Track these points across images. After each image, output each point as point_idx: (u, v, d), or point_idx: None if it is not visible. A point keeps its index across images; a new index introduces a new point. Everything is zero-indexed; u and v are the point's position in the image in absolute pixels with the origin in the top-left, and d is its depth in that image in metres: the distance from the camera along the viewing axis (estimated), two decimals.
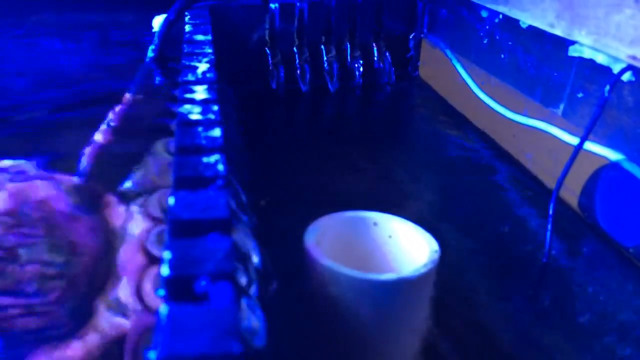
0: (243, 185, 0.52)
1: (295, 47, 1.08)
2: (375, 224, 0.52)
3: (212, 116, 0.49)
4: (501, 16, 0.88)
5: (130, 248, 0.40)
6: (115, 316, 0.34)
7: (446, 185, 0.82)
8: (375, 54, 1.14)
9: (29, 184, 0.47)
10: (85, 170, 0.50)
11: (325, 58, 1.10)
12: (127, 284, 0.36)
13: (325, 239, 0.49)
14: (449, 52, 1.05)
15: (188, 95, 0.53)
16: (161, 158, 0.51)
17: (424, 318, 0.49)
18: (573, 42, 0.70)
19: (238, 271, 0.34)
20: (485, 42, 0.93)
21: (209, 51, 0.68)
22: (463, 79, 0.99)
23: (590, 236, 0.67)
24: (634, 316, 0.55)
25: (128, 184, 0.48)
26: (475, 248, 0.66)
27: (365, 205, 0.53)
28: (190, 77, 0.58)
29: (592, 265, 0.63)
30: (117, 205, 0.45)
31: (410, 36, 1.17)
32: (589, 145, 0.66)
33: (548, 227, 0.63)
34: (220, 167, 0.39)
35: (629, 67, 0.61)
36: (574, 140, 0.70)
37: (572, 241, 0.66)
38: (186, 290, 0.28)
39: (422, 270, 0.45)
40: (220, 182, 0.38)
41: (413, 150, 0.94)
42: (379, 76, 1.15)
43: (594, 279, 0.61)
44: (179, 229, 0.33)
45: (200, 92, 0.54)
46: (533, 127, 0.80)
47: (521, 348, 0.53)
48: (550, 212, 0.64)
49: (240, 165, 0.57)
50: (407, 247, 0.50)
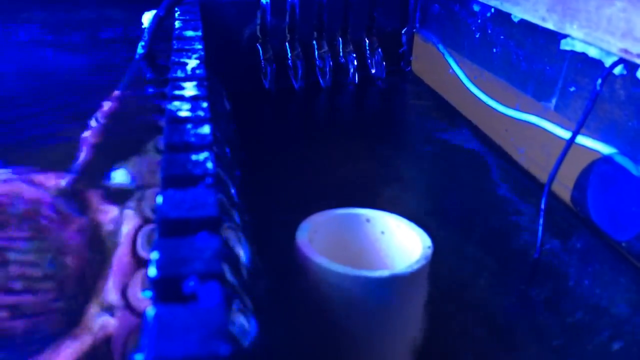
0: (234, 181, 0.52)
1: (287, 43, 1.08)
2: (367, 221, 0.52)
3: (202, 113, 0.48)
4: (493, 10, 0.88)
5: (120, 248, 0.39)
6: (104, 317, 0.33)
7: (439, 180, 0.82)
8: (367, 49, 1.14)
9: (16, 185, 0.46)
10: (73, 169, 0.49)
11: (317, 54, 1.10)
12: (116, 285, 0.36)
13: (317, 236, 0.49)
14: (441, 47, 1.05)
15: (177, 92, 0.53)
16: (151, 156, 0.51)
17: (417, 315, 0.48)
18: (565, 36, 0.70)
19: (227, 270, 0.33)
20: (477, 37, 0.93)
21: (199, 47, 0.67)
22: (455, 74, 0.99)
23: (582, 230, 0.67)
24: (627, 310, 0.55)
25: (117, 183, 0.47)
26: (467, 243, 0.66)
27: (357, 201, 0.53)
28: (179, 74, 0.58)
29: (585, 259, 0.63)
30: (106, 204, 0.44)
31: (402, 31, 1.17)
32: (581, 139, 0.66)
33: (540, 222, 0.63)
34: (209, 165, 0.39)
35: (621, 61, 0.60)
36: (567, 134, 0.70)
37: (565, 236, 0.66)
38: (174, 290, 0.28)
39: (415, 266, 0.45)
40: (209, 180, 0.37)
41: (405, 145, 0.94)
42: (371, 71, 1.14)
43: (587, 274, 0.61)
44: (167, 228, 0.33)
45: (189, 89, 0.53)
46: (525, 122, 0.79)
47: (514, 343, 0.53)
48: (542, 207, 0.64)
49: (231, 161, 0.57)
50: (400, 244, 0.50)
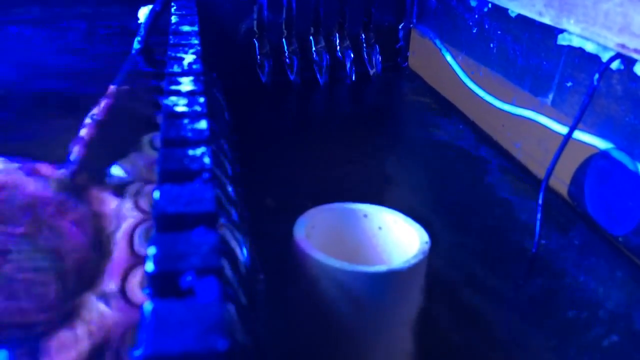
0: (232, 177, 0.52)
1: (283, 38, 1.08)
2: (365, 216, 0.52)
3: (199, 108, 0.48)
4: (490, 5, 0.87)
5: (118, 242, 0.39)
6: (102, 311, 0.33)
7: (436, 175, 0.82)
8: (364, 45, 1.14)
9: (15, 177, 0.46)
10: (71, 162, 0.49)
11: (314, 49, 1.09)
12: (116, 279, 0.36)
13: (314, 231, 0.49)
14: (438, 42, 1.05)
15: (174, 87, 0.53)
16: (147, 151, 0.51)
17: (415, 310, 0.48)
18: (562, 31, 0.70)
19: (224, 266, 0.33)
20: (474, 32, 0.93)
21: (196, 42, 0.67)
22: (452, 69, 0.99)
23: (580, 225, 0.67)
24: (624, 305, 0.55)
25: (115, 177, 0.47)
26: (464, 239, 0.66)
27: (354, 196, 0.53)
28: (176, 69, 0.57)
29: (582, 254, 0.63)
30: (105, 198, 0.44)
31: (399, 26, 1.17)
32: (578, 134, 0.66)
33: (537, 217, 0.63)
34: (206, 160, 0.39)
35: (618, 56, 0.60)
36: (563, 129, 0.70)
37: (562, 230, 0.66)
38: (171, 285, 0.27)
39: (413, 261, 0.45)
40: (206, 175, 0.37)
41: (402, 140, 0.94)
42: (368, 67, 1.14)
43: (584, 268, 0.61)
44: (164, 223, 0.32)
45: (186, 84, 0.53)
46: (522, 117, 0.79)
47: (511, 338, 0.53)
48: (539, 202, 0.64)
49: (229, 157, 0.57)
50: (397, 239, 0.50)
